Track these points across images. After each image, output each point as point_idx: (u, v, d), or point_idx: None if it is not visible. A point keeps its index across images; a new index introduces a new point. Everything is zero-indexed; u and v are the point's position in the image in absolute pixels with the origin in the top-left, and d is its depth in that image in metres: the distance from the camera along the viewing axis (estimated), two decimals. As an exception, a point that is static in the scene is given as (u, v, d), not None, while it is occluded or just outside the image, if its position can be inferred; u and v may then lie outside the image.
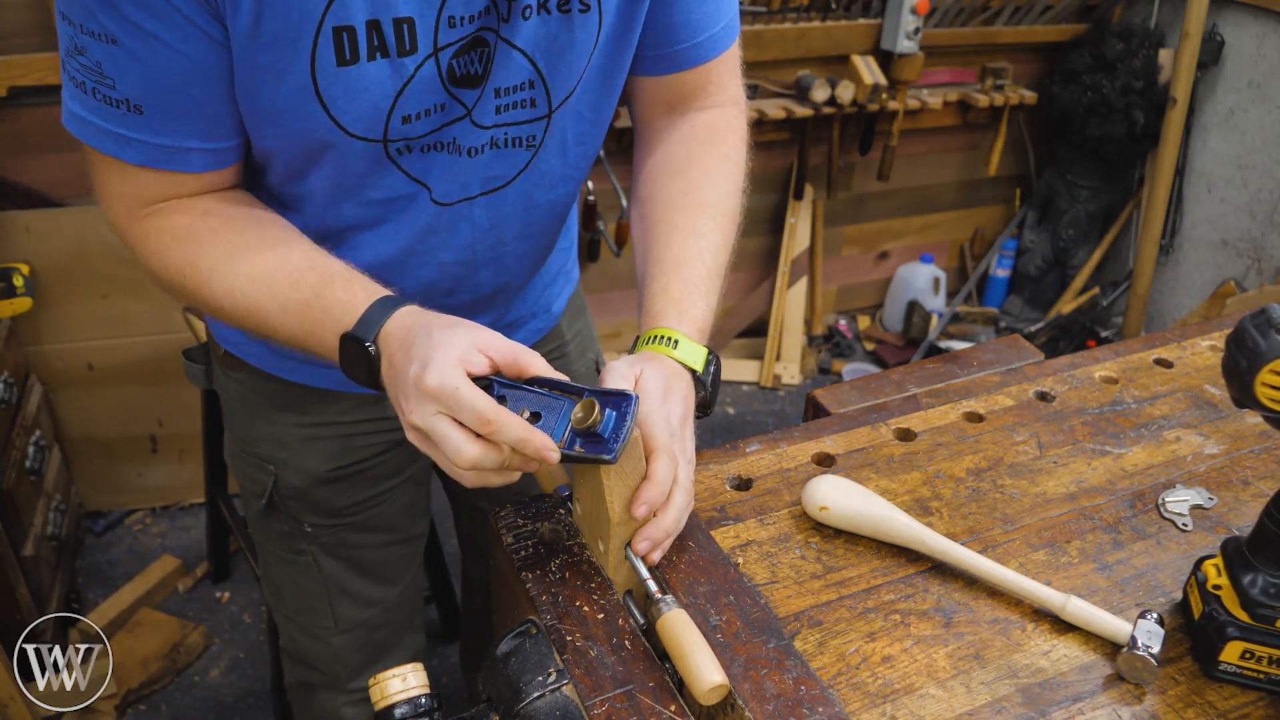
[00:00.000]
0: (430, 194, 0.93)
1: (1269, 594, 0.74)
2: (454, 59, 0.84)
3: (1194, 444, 1.00)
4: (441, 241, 0.97)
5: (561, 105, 0.93)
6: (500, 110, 0.90)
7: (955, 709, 0.72)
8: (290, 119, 0.82)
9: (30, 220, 2.28)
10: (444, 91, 0.85)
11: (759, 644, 0.74)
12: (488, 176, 0.94)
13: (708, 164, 1.02)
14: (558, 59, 0.89)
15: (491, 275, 1.03)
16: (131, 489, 2.55)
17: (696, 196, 1.00)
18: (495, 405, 0.71)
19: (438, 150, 0.90)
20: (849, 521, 0.86)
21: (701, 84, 1.03)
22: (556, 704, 0.69)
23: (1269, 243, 2.89)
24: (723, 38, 1.01)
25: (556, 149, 0.97)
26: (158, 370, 2.45)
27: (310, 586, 1.20)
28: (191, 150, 0.84)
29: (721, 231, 1.00)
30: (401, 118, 0.84)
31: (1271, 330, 0.68)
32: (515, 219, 1.00)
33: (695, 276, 0.96)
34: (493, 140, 0.92)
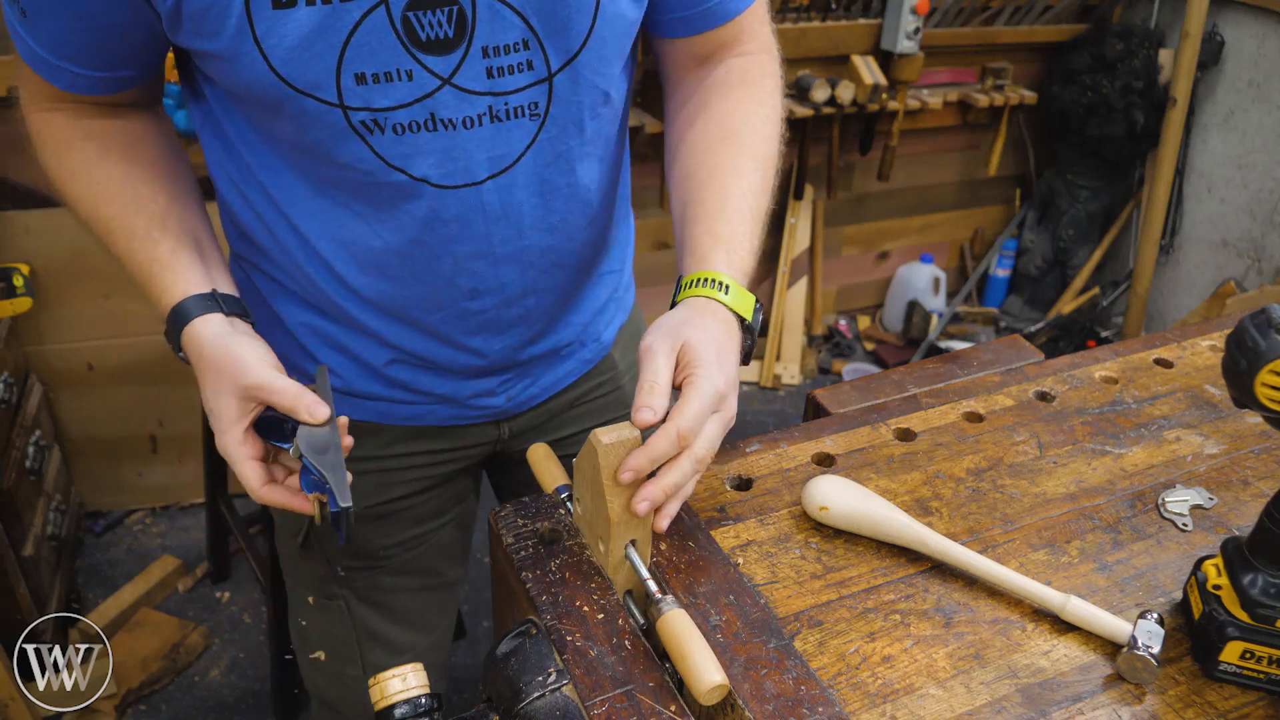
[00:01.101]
0: (424, 180, 0.86)
1: (1269, 594, 0.74)
2: (411, 13, 0.77)
3: (1194, 444, 1.00)
4: (452, 233, 0.90)
5: (564, 68, 0.86)
6: (493, 74, 0.83)
7: (955, 709, 0.72)
8: (236, 67, 0.78)
9: (30, 220, 2.28)
10: (406, 54, 0.79)
11: (759, 644, 0.74)
12: (492, 155, 0.87)
13: (745, 107, 0.98)
14: (551, 14, 0.82)
15: (516, 274, 0.95)
16: (131, 489, 2.55)
17: (736, 139, 0.96)
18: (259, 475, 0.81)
19: (416, 131, 0.83)
20: (849, 521, 0.86)
21: (734, 36, 1.00)
22: (556, 704, 0.69)
23: (1269, 243, 2.89)
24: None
25: (569, 122, 0.90)
26: (158, 370, 2.45)
27: (340, 633, 1.17)
28: (63, 70, 0.83)
29: (762, 174, 0.96)
30: (355, 75, 0.78)
31: (1271, 330, 0.68)
32: (531, 205, 0.92)
33: (740, 218, 0.92)
34: (491, 111, 0.84)
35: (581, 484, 0.81)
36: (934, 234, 3.50)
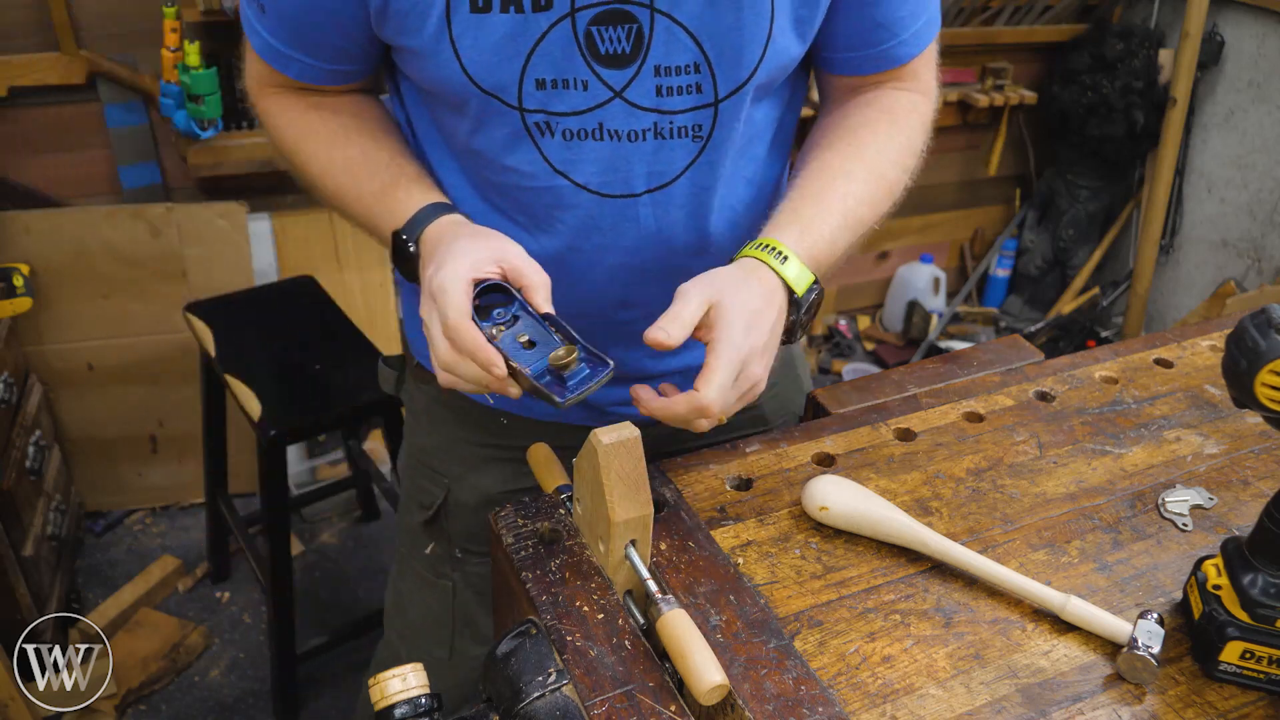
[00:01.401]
0: (584, 186, 0.90)
1: (1269, 594, 0.74)
2: (594, 27, 0.82)
3: (1194, 444, 1.00)
4: (605, 242, 0.93)
5: (731, 96, 0.88)
6: (661, 92, 0.86)
7: (955, 709, 0.72)
8: (430, 65, 0.84)
9: (30, 220, 2.29)
10: (585, 66, 0.84)
11: (759, 644, 0.74)
12: (652, 170, 0.90)
13: (878, 128, 0.97)
14: (724, 40, 0.85)
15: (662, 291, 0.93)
16: (131, 489, 2.55)
17: (857, 148, 0.95)
18: (463, 313, 0.76)
19: (583, 139, 0.88)
20: (849, 521, 0.86)
21: (895, 76, 1.00)
22: (556, 704, 0.69)
23: (1269, 243, 2.89)
24: (924, 34, 0.97)
25: (730, 148, 0.92)
26: (158, 370, 2.45)
27: (440, 614, 1.17)
28: (293, 59, 0.91)
29: (872, 188, 0.94)
30: (535, 81, 0.84)
31: (1271, 330, 0.68)
32: (684, 225, 0.94)
33: (830, 210, 0.90)
34: (656, 128, 0.88)
35: (582, 484, 0.81)
36: (934, 234, 3.50)
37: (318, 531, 2.58)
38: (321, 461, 2.64)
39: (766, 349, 0.83)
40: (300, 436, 1.84)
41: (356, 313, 2.67)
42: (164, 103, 2.19)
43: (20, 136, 2.36)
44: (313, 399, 1.88)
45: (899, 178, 0.98)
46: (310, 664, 2.16)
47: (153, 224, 2.37)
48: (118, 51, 2.34)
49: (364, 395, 1.90)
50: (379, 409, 1.93)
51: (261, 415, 1.80)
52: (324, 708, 2.13)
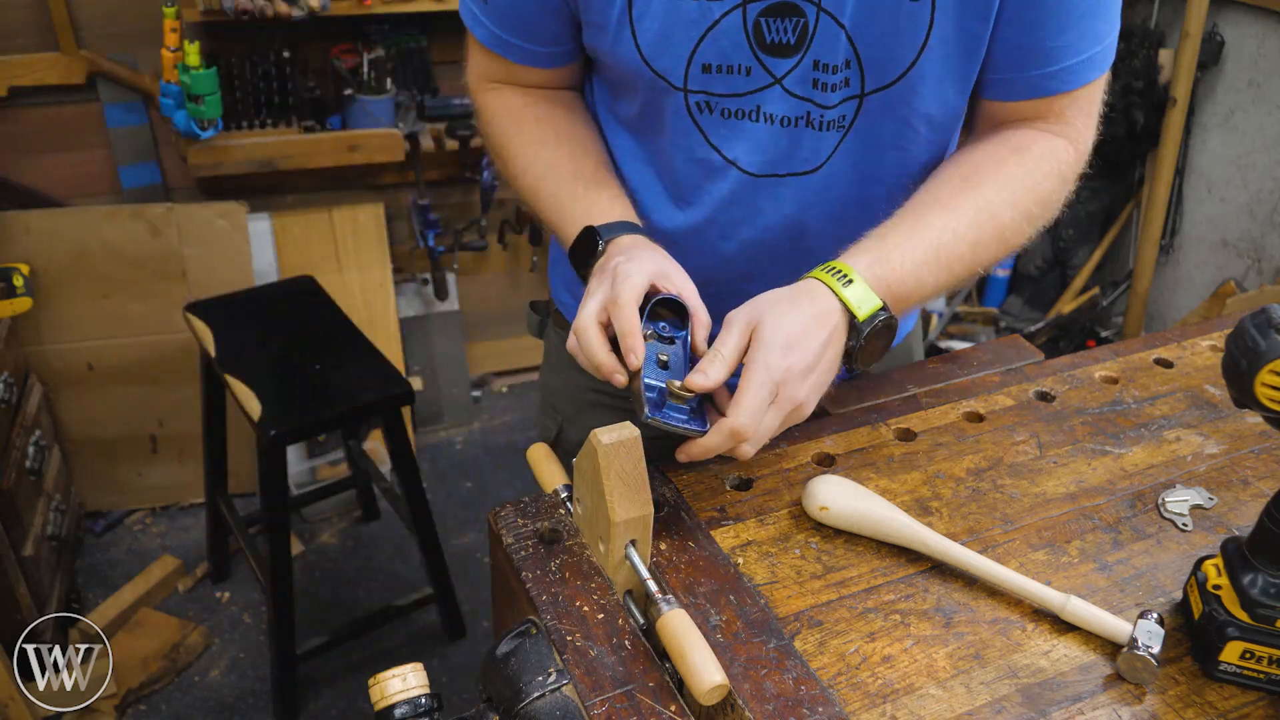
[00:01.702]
0: (734, 163, 0.95)
1: (1269, 594, 0.74)
2: (763, 18, 0.87)
3: (1194, 444, 1.00)
4: (744, 216, 0.98)
5: (877, 92, 0.90)
6: (817, 85, 0.90)
7: (955, 709, 0.72)
8: (611, 42, 0.91)
9: (30, 220, 2.29)
10: (750, 54, 0.88)
11: (759, 644, 0.74)
12: (799, 156, 0.94)
13: (1002, 166, 0.93)
14: (877, 43, 0.87)
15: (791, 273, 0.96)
16: (131, 489, 2.56)
17: (972, 186, 0.91)
18: (633, 299, 0.80)
19: (740, 118, 0.92)
20: (849, 521, 0.86)
21: (1043, 112, 0.95)
22: (556, 704, 0.69)
23: (1269, 243, 2.89)
24: (1081, 71, 0.92)
25: (870, 141, 0.94)
26: (158, 370, 2.45)
27: None
28: (513, 44, 0.99)
29: (978, 226, 0.90)
30: (702, 65, 0.89)
31: (1271, 330, 0.67)
32: (820, 213, 0.97)
33: (922, 241, 0.87)
34: (809, 116, 0.91)
35: (582, 484, 0.81)
36: (934, 234, 3.49)
37: (318, 531, 2.58)
38: (321, 461, 2.64)
39: (811, 370, 0.81)
40: (300, 436, 1.84)
41: (356, 313, 2.68)
42: (164, 103, 2.19)
43: (20, 136, 2.36)
44: (313, 399, 1.88)
45: (1015, 221, 0.92)
46: (310, 664, 2.16)
47: (153, 224, 2.37)
48: (118, 51, 2.34)
49: (364, 395, 1.90)
50: (379, 409, 1.93)
51: (261, 415, 1.80)
52: (324, 708, 2.13)
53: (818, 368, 0.82)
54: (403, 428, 2.00)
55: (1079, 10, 0.89)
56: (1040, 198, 0.94)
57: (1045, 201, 0.95)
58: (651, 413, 0.78)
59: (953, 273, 0.90)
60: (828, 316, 0.83)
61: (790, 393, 0.80)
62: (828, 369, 0.83)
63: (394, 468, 2.06)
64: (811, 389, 0.82)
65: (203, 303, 2.09)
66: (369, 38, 2.49)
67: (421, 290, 2.88)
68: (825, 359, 0.83)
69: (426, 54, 2.59)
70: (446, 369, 2.96)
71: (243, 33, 2.36)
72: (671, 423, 0.79)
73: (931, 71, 0.90)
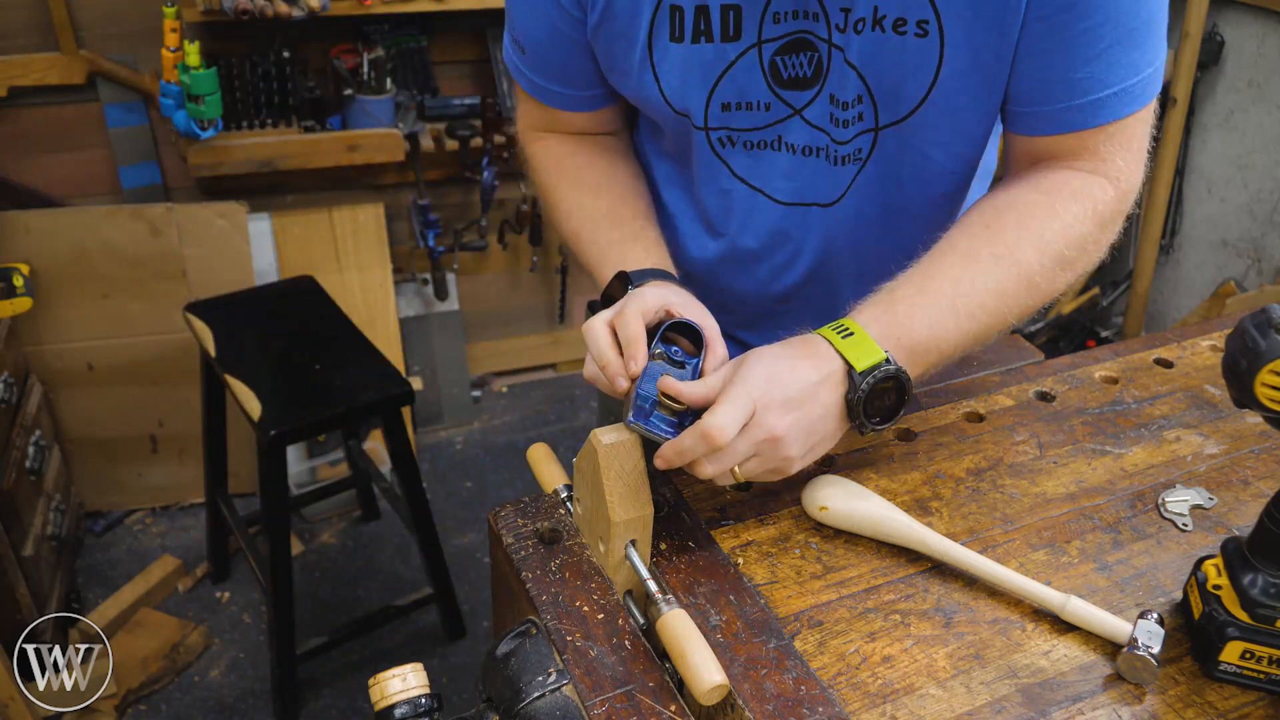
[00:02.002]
0: (761, 190, 0.97)
1: (1269, 594, 0.74)
2: (778, 56, 0.88)
3: (1194, 444, 1.00)
4: (775, 243, 1.00)
5: (891, 127, 0.89)
6: (834, 120, 0.90)
7: (955, 709, 0.72)
8: (635, 85, 0.94)
9: (30, 220, 2.29)
10: (768, 90, 0.90)
11: (759, 644, 0.74)
12: (817, 187, 0.95)
13: (1033, 210, 0.88)
14: (887, 78, 0.86)
15: (825, 296, 0.96)
16: (131, 489, 2.55)
17: (993, 233, 0.87)
18: (639, 312, 0.82)
19: (763, 149, 0.94)
20: (849, 521, 0.86)
21: (1074, 150, 0.90)
22: (556, 704, 0.69)
23: (1269, 243, 2.89)
24: (1112, 105, 0.86)
25: (888, 173, 0.93)
26: (158, 370, 2.45)
27: None
28: (553, 91, 1.02)
29: (1001, 275, 0.84)
30: (721, 104, 0.92)
31: (1271, 330, 0.67)
32: (848, 242, 0.98)
33: (938, 293, 0.83)
34: (827, 151, 0.92)
35: (582, 484, 0.81)
36: (934, 234, 3.49)
37: (318, 531, 2.58)
38: (321, 461, 2.64)
39: (795, 405, 0.77)
40: (300, 436, 1.84)
41: (356, 313, 2.68)
42: (164, 103, 2.19)
43: (20, 136, 2.36)
44: (313, 399, 1.88)
45: (1045, 267, 0.86)
46: (310, 664, 2.16)
47: (153, 224, 2.37)
48: (118, 51, 2.34)
49: (364, 395, 1.90)
50: (379, 409, 1.93)
51: (261, 415, 1.80)
52: (324, 708, 2.13)
53: (805, 407, 0.77)
54: (403, 428, 2.00)
55: (1105, 40, 0.83)
56: (1073, 240, 0.88)
57: (1080, 245, 0.89)
58: (634, 418, 0.78)
59: (977, 322, 0.84)
60: (822, 363, 0.79)
61: (767, 419, 0.76)
62: (819, 416, 0.78)
63: (394, 468, 2.06)
64: (795, 429, 0.77)
65: (203, 303, 2.09)
66: (369, 38, 2.49)
67: (421, 290, 2.88)
68: (817, 403, 0.78)
69: (426, 54, 2.59)
70: (446, 369, 2.96)
71: (243, 33, 2.36)
72: (653, 430, 0.78)
73: (947, 105, 0.88)
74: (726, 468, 0.77)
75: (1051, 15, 0.82)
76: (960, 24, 0.83)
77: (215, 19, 2.18)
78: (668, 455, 0.78)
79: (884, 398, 0.80)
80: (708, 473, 0.78)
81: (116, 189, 2.49)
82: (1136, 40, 0.84)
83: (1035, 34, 0.83)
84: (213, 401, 2.17)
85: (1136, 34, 0.84)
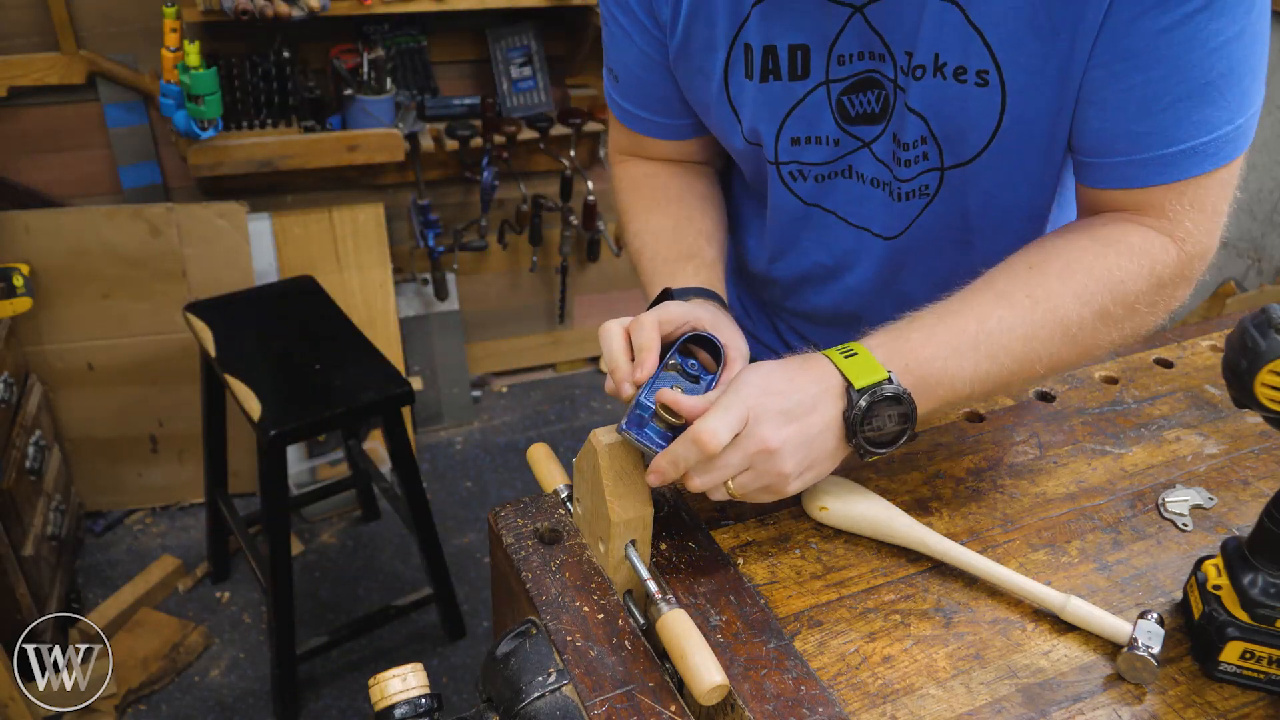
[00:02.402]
0: (833, 211, 0.99)
1: (1269, 594, 0.74)
2: (845, 95, 0.90)
3: (1194, 444, 1.00)
4: (846, 265, 1.02)
5: (956, 168, 0.88)
6: (897, 158, 0.91)
7: (955, 709, 0.72)
8: (716, 116, 0.97)
9: (30, 220, 2.29)
10: (836, 126, 0.92)
11: (759, 644, 0.74)
12: (887, 219, 0.96)
13: (1081, 259, 0.82)
14: (949, 124, 0.85)
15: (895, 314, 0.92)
16: (131, 489, 2.56)
17: (1034, 276, 0.82)
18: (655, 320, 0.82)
19: (834, 178, 0.96)
20: (849, 522, 0.86)
21: (1139, 205, 0.84)
22: (556, 704, 0.69)
23: (1269, 243, 2.89)
24: (1179, 163, 0.80)
25: (956, 212, 0.92)
26: (158, 370, 2.45)
27: None
28: (641, 118, 1.05)
29: (1036, 319, 0.80)
30: (790, 139, 0.94)
31: (1271, 330, 0.67)
32: (912, 276, 0.99)
33: (961, 329, 0.79)
34: (891, 188, 0.93)
35: (581, 484, 0.81)
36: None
37: (318, 531, 2.58)
38: (321, 461, 2.64)
39: (791, 418, 0.74)
40: (300, 436, 1.84)
41: (356, 313, 2.68)
42: (164, 103, 2.19)
43: (20, 136, 2.36)
44: (313, 399, 1.88)
45: (1086, 319, 0.81)
46: (310, 664, 2.17)
47: (153, 224, 2.37)
48: (118, 51, 2.34)
49: (364, 395, 1.90)
50: (379, 409, 1.93)
51: (261, 415, 1.80)
52: (324, 708, 2.13)
53: (802, 421, 0.75)
54: (403, 428, 2.00)
55: (1171, 94, 0.77)
56: (1123, 297, 0.82)
57: (1129, 303, 0.82)
58: (627, 425, 0.77)
59: (998, 364, 0.80)
60: (820, 377, 0.77)
61: (761, 429, 0.73)
62: (817, 432, 0.75)
63: (394, 468, 2.06)
64: (791, 442, 0.74)
65: (203, 303, 2.09)
66: (369, 38, 2.49)
67: (421, 290, 2.88)
68: (815, 418, 0.75)
69: (426, 54, 2.59)
70: (446, 369, 2.96)
71: (243, 33, 2.37)
72: (644, 441, 0.76)
73: (1012, 151, 0.86)
74: (718, 481, 0.75)
75: (1112, 63, 0.78)
76: (1021, 73, 0.81)
77: (215, 19, 2.18)
78: (660, 466, 0.75)
79: (885, 420, 0.77)
80: (699, 485, 0.75)
81: (116, 189, 2.49)
82: (1210, 96, 0.77)
83: (1096, 82, 0.79)
84: (213, 401, 2.17)
85: (1211, 89, 0.77)
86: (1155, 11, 0.74)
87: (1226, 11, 0.74)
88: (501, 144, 2.64)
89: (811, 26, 0.87)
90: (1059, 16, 0.77)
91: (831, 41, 0.87)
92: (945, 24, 0.81)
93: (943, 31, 0.81)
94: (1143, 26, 0.75)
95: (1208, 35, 0.75)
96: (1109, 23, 0.76)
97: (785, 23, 0.87)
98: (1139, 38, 0.76)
